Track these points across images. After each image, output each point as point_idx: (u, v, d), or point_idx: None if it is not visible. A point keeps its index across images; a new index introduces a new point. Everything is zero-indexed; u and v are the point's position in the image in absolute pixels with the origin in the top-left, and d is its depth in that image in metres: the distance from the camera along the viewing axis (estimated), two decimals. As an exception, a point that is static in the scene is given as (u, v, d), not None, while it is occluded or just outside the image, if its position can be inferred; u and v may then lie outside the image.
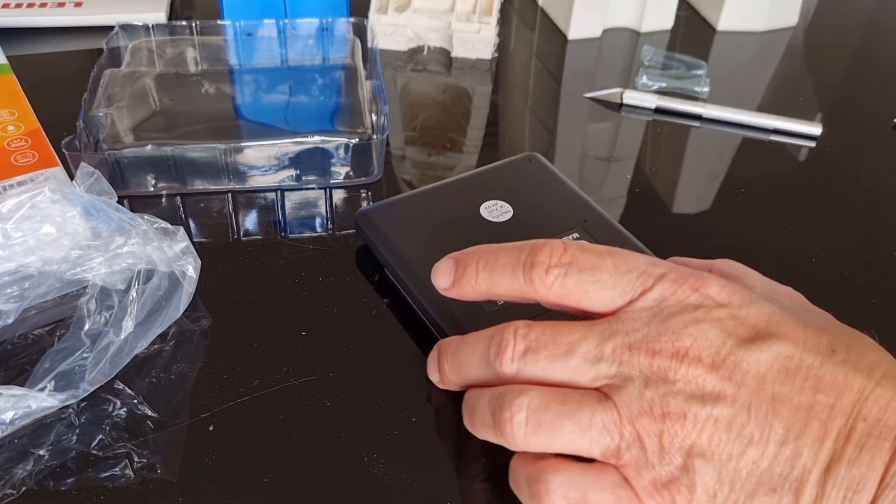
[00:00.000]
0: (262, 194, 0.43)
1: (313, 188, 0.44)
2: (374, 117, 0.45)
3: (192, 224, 0.41)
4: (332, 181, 0.44)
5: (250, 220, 0.42)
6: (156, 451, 0.30)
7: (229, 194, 0.43)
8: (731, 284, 0.27)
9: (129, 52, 0.50)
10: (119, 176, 0.41)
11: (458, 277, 0.29)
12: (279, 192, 0.43)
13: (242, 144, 0.42)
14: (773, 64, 0.58)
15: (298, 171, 0.43)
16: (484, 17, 0.55)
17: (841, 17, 0.65)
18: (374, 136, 0.43)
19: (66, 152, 0.39)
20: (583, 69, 0.56)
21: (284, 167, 0.43)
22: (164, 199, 0.42)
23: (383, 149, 0.44)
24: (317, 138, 0.42)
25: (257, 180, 0.43)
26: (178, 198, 0.43)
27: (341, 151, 0.43)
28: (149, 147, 0.41)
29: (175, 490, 0.29)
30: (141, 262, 0.34)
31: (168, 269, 0.34)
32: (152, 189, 0.42)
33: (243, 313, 0.36)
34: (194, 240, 0.40)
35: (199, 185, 0.43)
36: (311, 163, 0.43)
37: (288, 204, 0.43)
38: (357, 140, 0.43)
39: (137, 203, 0.42)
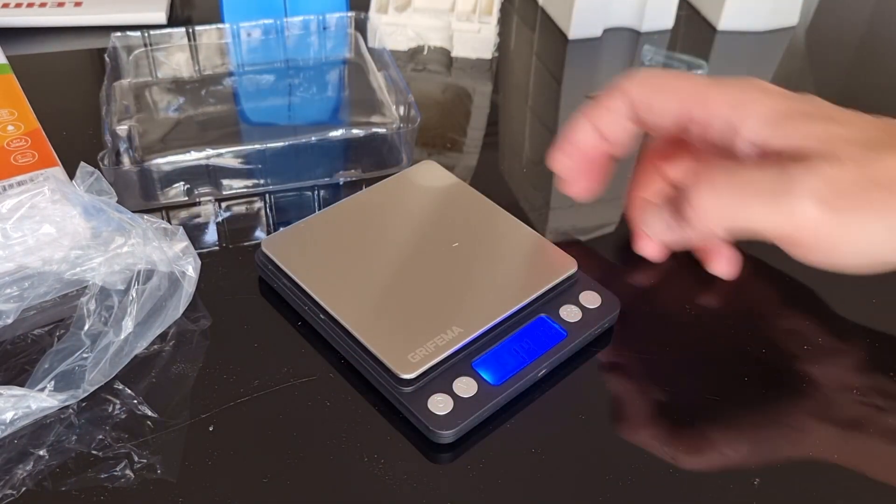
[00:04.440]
0: (267, 193, 0.43)
1: (334, 182, 0.44)
2: (395, 108, 0.45)
3: (192, 224, 0.41)
4: (346, 176, 0.44)
5: (249, 220, 0.42)
6: (156, 451, 0.30)
7: (234, 195, 0.43)
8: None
9: (131, 61, 0.49)
10: (153, 187, 0.41)
11: None
12: (291, 190, 0.43)
13: (278, 145, 0.41)
14: (773, 64, 0.58)
15: (326, 168, 0.43)
16: (484, 16, 0.55)
17: (841, 16, 0.65)
18: (402, 126, 0.43)
19: (102, 166, 0.38)
20: (583, 69, 0.56)
21: (315, 164, 0.43)
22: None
23: (414, 137, 0.44)
24: (338, 132, 0.42)
25: (286, 179, 0.43)
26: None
27: (362, 144, 0.43)
28: (188, 154, 0.41)
29: (175, 490, 0.29)
30: (141, 262, 0.34)
31: (168, 269, 0.34)
32: (187, 198, 0.42)
33: (243, 313, 0.36)
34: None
35: (231, 190, 0.42)
36: (335, 158, 0.43)
37: (286, 203, 0.43)
38: (385, 130, 0.43)
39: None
